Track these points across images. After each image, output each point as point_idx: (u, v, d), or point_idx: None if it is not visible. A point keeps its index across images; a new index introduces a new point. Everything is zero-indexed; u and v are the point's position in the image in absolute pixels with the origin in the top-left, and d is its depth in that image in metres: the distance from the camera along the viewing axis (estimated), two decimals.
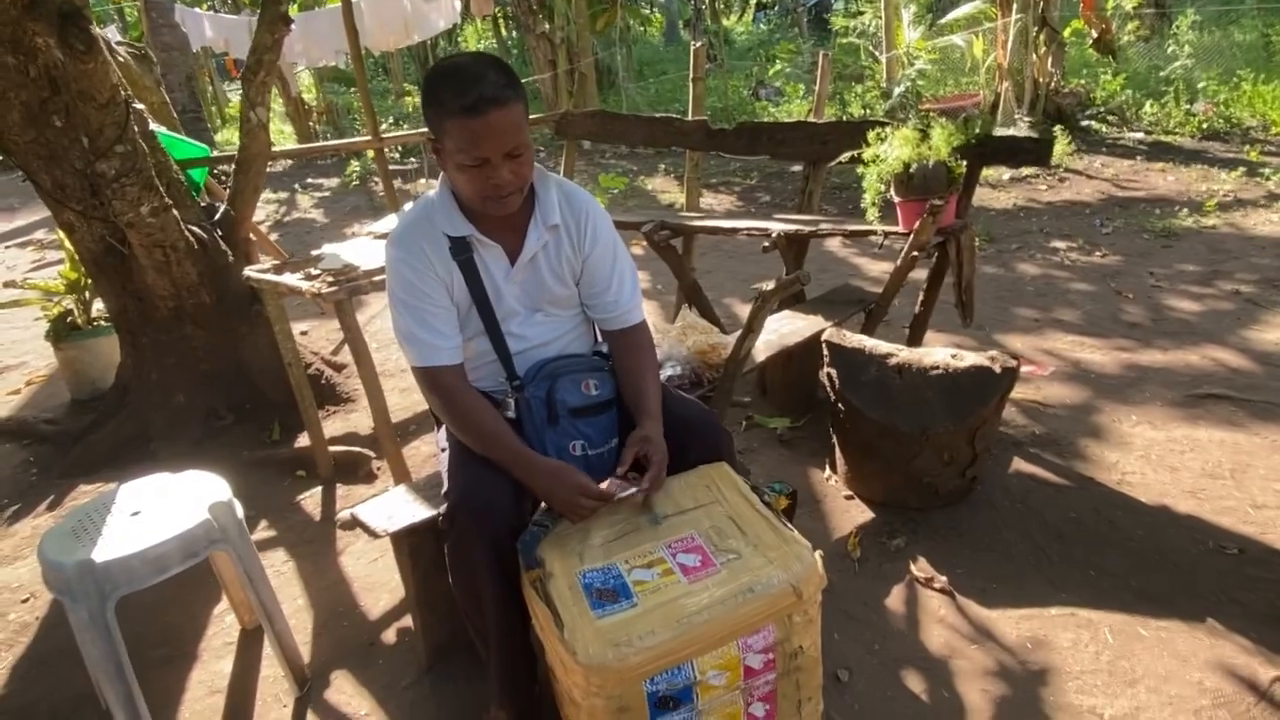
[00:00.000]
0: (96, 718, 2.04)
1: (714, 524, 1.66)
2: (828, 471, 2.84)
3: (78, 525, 1.89)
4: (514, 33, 18.26)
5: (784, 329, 2.97)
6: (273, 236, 7.39)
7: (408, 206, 1.86)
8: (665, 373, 2.43)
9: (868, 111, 8.76)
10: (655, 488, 1.68)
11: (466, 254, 1.72)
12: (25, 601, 2.55)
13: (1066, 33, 8.40)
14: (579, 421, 1.76)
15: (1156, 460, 2.76)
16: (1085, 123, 8.18)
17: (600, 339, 1.98)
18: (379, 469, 3.13)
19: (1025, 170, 7.03)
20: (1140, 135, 7.79)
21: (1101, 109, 8.36)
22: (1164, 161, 6.88)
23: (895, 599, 2.23)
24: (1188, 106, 7.89)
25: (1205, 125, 7.58)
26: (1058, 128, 7.71)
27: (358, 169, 9.57)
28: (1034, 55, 8.02)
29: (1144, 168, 6.82)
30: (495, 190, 1.62)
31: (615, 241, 1.87)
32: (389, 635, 2.26)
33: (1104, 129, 8.10)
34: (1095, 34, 8.52)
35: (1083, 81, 8.82)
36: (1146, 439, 2.90)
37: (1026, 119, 8.02)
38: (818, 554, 1.60)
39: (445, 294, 1.73)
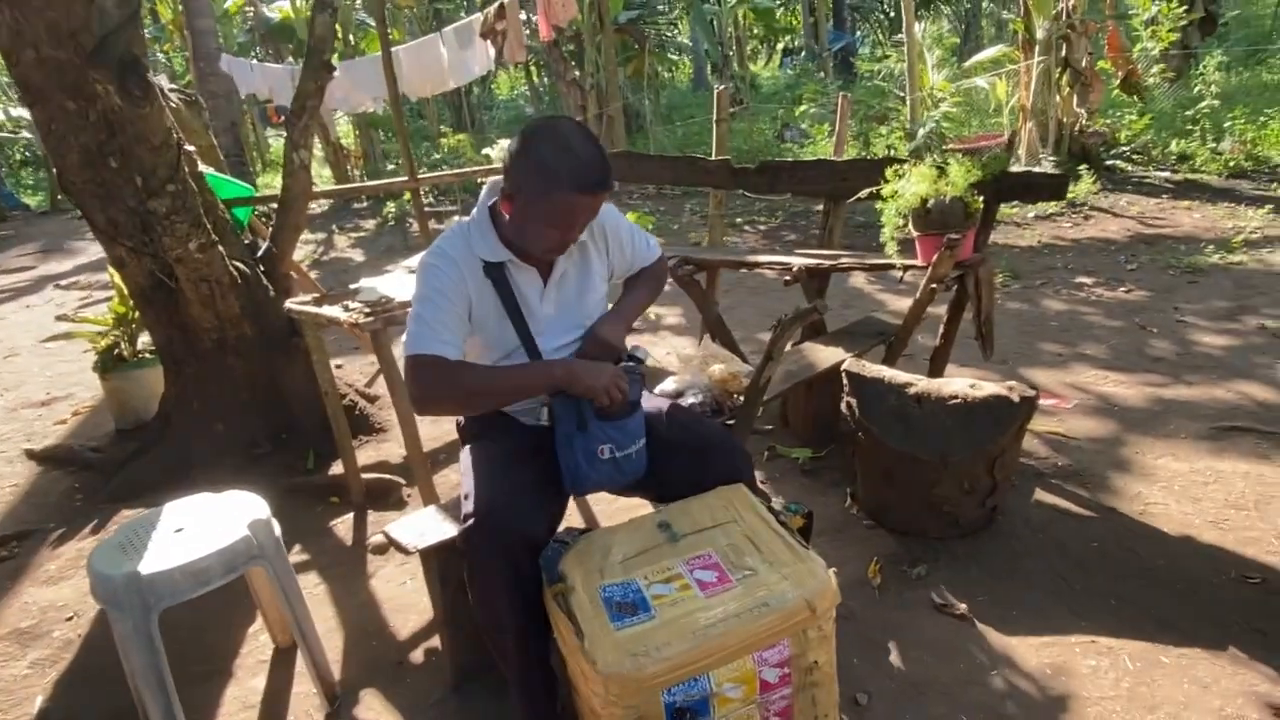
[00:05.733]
0: None
1: (731, 542, 1.72)
2: (849, 501, 2.87)
3: (125, 540, 1.98)
4: (545, 79, 18.75)
5: (805, 360, 3.03)
6: (311, 275, 7.61)
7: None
8: (687, 400, 2.50)
9: (891, 152, 8.84)
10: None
11: (499, 275, 1.83)
12: (69, 620, 2.65)
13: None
14: (607, 426, 1.82)
15: (1180, 491, 2.76)
16: (1111, 162, 8.20)
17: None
18: (409, 495, 3.21)
19: (1050, 208, 7.06)
20: (1166, 174, 7.80)
21: (1127, 148, 8.38)
22: (1190, 199, 6.88)
23: (915, 625, 2.25)
24: (1214, 145, 7.89)
25: (1232, 164, 7.56)
26: (1083, 167, 7.74)
27: (393, 210, 9.83)
28: (1057, 96, 8.09)
29: (1170, 206, 6.82)
30: (562, 248, 1.82)
31: (626, 226, 2.09)
32: (417, 655, 2.32)
33: (1130, 168, 8.12)
34: (1121, 75, 8.58)
35: (1108, 121, 8.85)
36: (1170, 471, 2.89)
37: (1051, 158, 8.06)
38: (831, 571, 1.65)
39: (465, 306, 1.83)
